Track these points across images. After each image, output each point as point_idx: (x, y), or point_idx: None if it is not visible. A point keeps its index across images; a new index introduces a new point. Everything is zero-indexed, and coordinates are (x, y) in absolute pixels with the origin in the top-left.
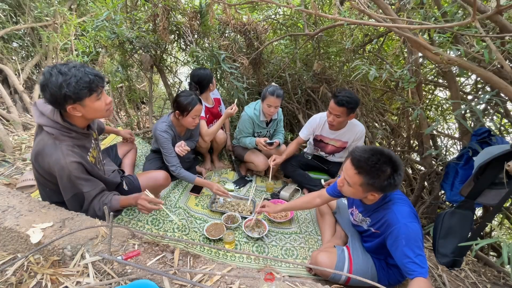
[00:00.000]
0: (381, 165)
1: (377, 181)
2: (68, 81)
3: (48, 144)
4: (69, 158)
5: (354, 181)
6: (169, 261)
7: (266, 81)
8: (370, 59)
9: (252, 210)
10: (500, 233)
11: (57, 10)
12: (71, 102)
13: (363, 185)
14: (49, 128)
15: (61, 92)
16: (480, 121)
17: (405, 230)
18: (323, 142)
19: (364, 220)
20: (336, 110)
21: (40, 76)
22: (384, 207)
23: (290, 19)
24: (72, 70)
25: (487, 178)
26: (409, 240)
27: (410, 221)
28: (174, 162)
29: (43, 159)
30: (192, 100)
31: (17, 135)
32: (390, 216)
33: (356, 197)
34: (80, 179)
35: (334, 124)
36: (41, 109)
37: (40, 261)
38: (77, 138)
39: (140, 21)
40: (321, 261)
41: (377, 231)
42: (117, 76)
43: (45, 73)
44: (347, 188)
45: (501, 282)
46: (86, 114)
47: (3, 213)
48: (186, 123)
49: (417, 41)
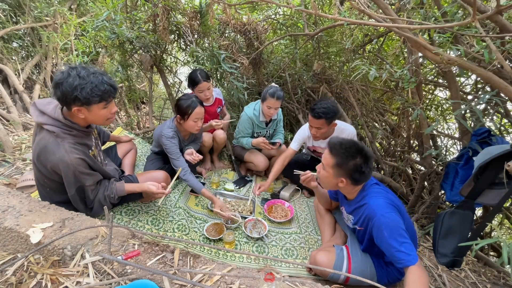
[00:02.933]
0: (352, 152)
1: (345, 165)
2: (83, 86)
3: (50, 142)
4: (72, 155)
5: (328, 162)
6: (169, 261)
7: (266, 81)
8: (370, 59)
9: (252, 210)
10: (500, 233)
11: (57, 10)
12: (79, 104)
13: (334, 167)
14: (50, 126)
15: (73, 94)
16: (480, 121)
17: (384, 221)
18: (317, 152)
19: (349, 219)
20: (315, 123)
21: (40, 76)
22: (361, 202)
23: (290, 19)
24: (91, 77)
25: (487, 178)
26: (390, 230)
27: (387, 211)
28: (182, 165)
29: (46, 157)
30: (191, 102)
31: (17, 135)
32: (368, 210)
33: (329, 185)
34: (83, 174)
35: (318, 136)
36: (41, 108)
37: (40, 261)
38: (78, 136)
39: (140, 21)
40: (320, 261)
41: (361, 228)
42: (117, 76)
43: (64, 72)
44: (322, 173)
45: (501, 282)
46: (88, 118)
47: (3, 213)
48: (188, 127)
49: (417, 41)
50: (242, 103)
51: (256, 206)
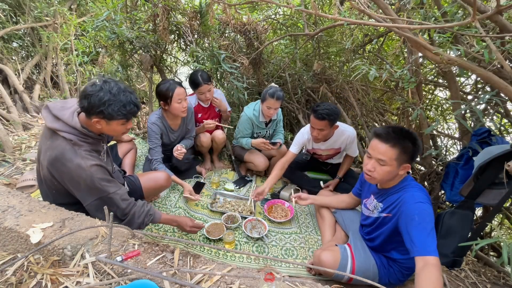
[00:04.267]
0: (404, 133)
1: (406, 150)
2: (112, 103)
3: (67, 149)
4: (89, 162)
5: (388, 155)
6: (169, 261)
7: (266, 81)
8: (370, 59)
9: (252, 210)
10: (500, 233)
11: (57, 10)
12: (101, 117)
13: (398, 156)
14: (66, 134)
15: (99, 108)
16: (480, 121)
17: (419, 207)
18: (317, 154)
19: (376, 207)
20: (318, 124)
21: (40, 76)
22: (400, 190)
23: (290, 19)
24: (121, 95)
25: (487, 178)
26: (423, 217)
27: (425, 202)
28: (156, 156)
29: (63, 165)
30: (170, 85)
31: (17, 135)
32: (405, 196)
33: (388, 177)
34: (103, 181)
35: (320, 138)
36: (56, 114)
37: (40, 261)
38: (93, 143)
39: (140, 21)
40: (325, 260)
41: (388, 215)
42: (117, 76)
43: (97, 85)
44: (380, 170)
45: (501, 282)
46: (104, 130)
47: (3, 213)
48: (174, 110)
49: (417, 41)
50: (242, 103)
51: (256, 206)
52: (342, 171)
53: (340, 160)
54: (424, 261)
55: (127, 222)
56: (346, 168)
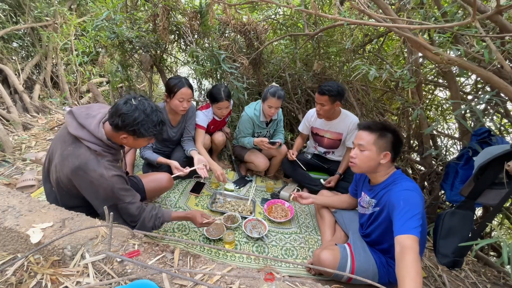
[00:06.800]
0: (385, 125)
1: (386, 136)
2: (144, 123)
3: (91, 159)
4: (111, 172)
5: (367, 140)
6: (169, 261)
7: (266, 81)
8: (370, 59)
9: (252, 210)
10: (500, 233)
11: (57, 10)
12: (131, 134)
13: (376, 141)
14: (91, 144)
15: (131, 126)
16: (480, 121)
17: (405, 194)
18: (319, 135)
19: (370, 204)
20: (319, 99)
21: (40, 76)
22: (390, 184)
23: (290, 19)
24: (153, 115)
25: (487, 178)
26: (408, 203)
27: (411, 189)
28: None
29: (85, 173)
30: (179, 81)
31: (17, 135)
32: (394, 187)
33: (369, 163)
34: (122, 190)
35: (321, 113)
36: (82, 122)
37: (40, 261)
38: (115, 154)
39: (140, 21)
40: (325, 259)
41: (379, 208)
42: (117, 76)
43: (132, 105)
44: (362, 156)
45: (501, 282)
46: (129, 144)
47: (3, 213)
48: (173, 105)
49: (417, 41)
50: (242, 103)
51: (256, 206)
52: (342, 167)
53: (341, 157)
54: (400, 245)
55: (139, 227)
56: (346, 164)
